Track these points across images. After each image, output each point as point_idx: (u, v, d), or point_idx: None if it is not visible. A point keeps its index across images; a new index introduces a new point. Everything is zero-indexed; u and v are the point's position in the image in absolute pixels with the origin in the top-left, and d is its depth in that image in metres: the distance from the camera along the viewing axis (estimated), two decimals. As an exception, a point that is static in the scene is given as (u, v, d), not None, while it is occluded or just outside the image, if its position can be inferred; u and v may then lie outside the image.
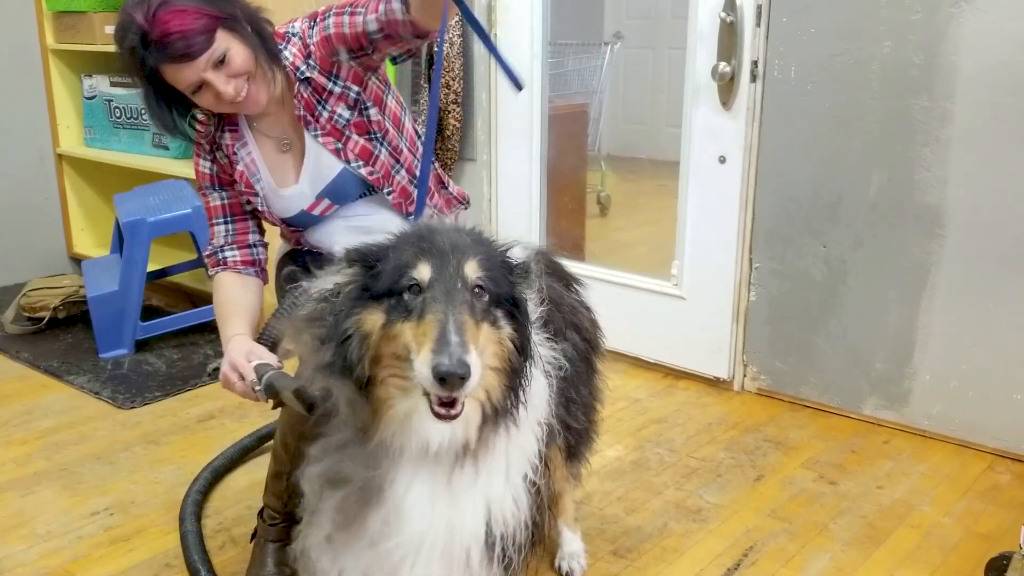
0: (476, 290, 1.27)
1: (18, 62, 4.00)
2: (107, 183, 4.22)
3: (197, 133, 1.87)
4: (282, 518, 2.01)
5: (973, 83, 2.44)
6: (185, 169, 3.73)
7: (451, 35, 3.39)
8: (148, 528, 2.26)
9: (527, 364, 1.32)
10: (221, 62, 1.68)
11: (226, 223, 1.92)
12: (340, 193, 1.88)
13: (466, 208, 2.09)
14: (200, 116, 1.87)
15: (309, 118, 1.82)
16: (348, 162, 1.84)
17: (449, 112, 3.48)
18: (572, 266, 1.94)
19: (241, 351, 1.70)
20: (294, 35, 1.81)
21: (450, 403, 1.23)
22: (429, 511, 1.34)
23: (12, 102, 4.03)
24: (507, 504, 1.38)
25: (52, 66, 4.06)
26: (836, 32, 2.63)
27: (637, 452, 2.64)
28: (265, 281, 1.95)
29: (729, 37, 2.79)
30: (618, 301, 3.22)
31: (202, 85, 1.70)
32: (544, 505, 1.47)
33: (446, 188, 2.05)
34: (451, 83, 3.44)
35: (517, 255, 1.42)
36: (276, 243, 2.09)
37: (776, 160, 2.82)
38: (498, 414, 1.31)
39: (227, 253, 1.90)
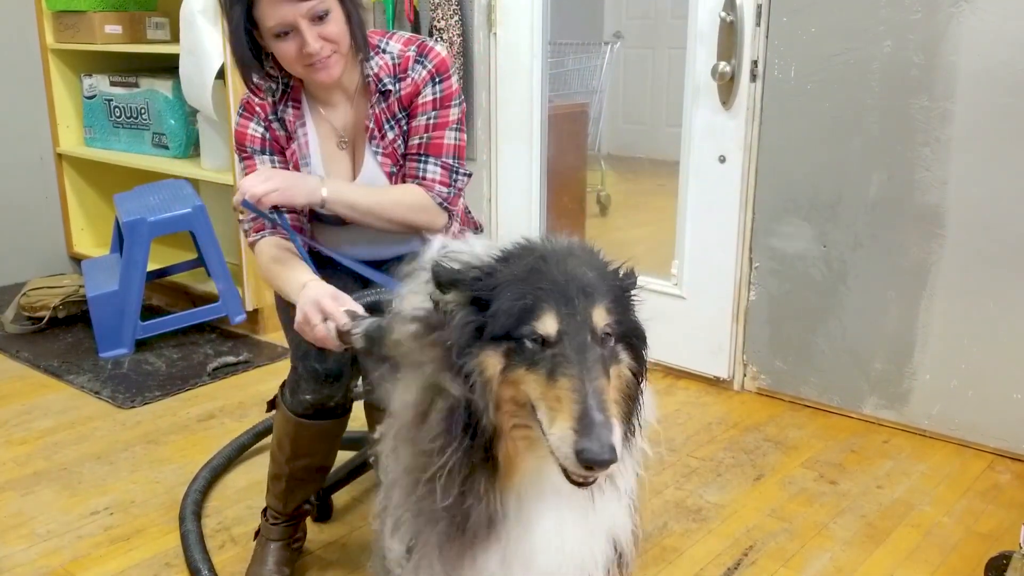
0: (604, 336, 1.16)
1: (18, 62, 4.00)
2: (107, 183, 4.21)
3: (252, 93, 1.84)
4: (284, 518, 2.01)
5: (973, 83, 2.44)
6: (185, 169, 3.73)
7: (451, 35, 3.39)
8: (148, 528, 2.26)
9: (643, 390, 1.23)
10: (320, 19, 1.68)
11: None
12: None
13: (476, 234, 2.08)
14: (259, 83, 1.83)
15: (375, 133, 1.84)
16: None
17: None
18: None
19: (326, 292, 1.62)
20: (385, 51, 1.83)
21: None
22: (560, 546, 1.25)
23: (12, 102, 4.03)
24: (628, 525, 1.33)
25: (52, 66, 4.06)
26: (836, 32, 2.63)
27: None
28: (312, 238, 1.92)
29: (729, 37, 2.79)
30: (618, 301, 3.21)
31: (290, 32, 1.69)
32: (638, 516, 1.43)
33: (469, 214, 2.08)
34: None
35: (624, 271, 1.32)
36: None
37: (776, 160, 2.82)
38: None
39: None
